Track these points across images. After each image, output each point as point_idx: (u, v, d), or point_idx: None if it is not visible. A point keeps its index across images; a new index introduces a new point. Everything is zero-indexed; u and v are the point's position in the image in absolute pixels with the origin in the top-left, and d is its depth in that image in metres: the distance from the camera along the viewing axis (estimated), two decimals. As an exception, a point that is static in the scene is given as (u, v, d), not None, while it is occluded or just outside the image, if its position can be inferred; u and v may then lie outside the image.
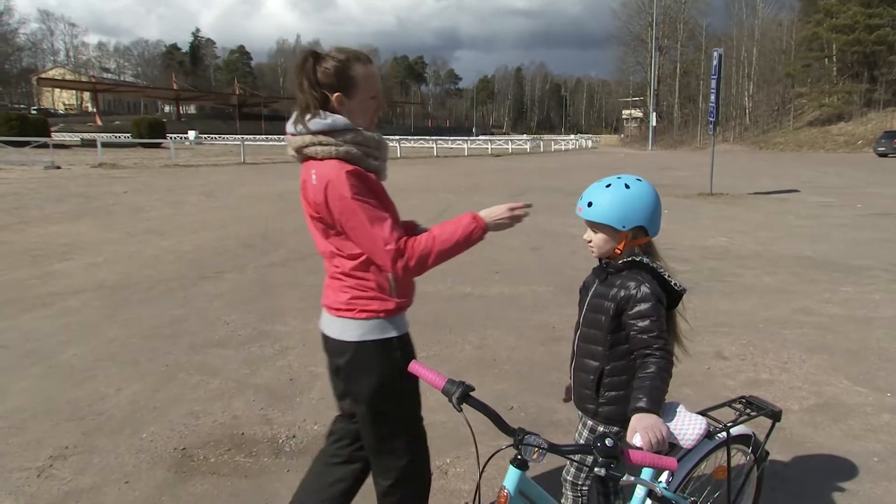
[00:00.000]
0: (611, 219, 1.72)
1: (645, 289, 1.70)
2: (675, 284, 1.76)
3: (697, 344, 4.54)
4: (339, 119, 1.74)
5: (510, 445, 1.31)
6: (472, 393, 1.37)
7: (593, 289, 1.87)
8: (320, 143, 1.72)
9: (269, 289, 6.20)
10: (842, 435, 3.21)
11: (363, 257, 1.76)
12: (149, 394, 3.71)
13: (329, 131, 1.73)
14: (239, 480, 2.80)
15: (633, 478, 1.28)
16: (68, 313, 5.33)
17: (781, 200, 14.09)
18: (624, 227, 1.72)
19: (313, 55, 1.76)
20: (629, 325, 1.71)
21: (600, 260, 1.86)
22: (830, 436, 3.20)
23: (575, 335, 1.94)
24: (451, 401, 1.37)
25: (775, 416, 1.89)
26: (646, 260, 1.76)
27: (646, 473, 1.64)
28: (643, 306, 1.68)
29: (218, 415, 3.45)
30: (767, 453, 2.01)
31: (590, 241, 1.80)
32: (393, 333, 1.82)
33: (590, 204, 1.75)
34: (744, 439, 1.90)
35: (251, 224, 10.32)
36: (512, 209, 1.73)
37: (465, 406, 1.36)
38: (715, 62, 15.02)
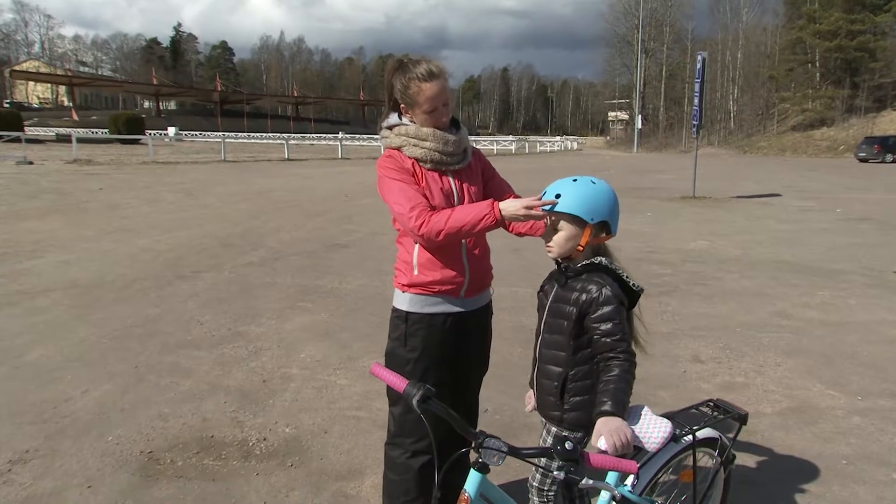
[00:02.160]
0: (580, 210, 1.72)
1: (607, 292, 1.70)
2: (634, 285, 1.77)
3: (674, 347, 4.60)
4: (393, 117, 2.13)
5: (469, 448, 1.31)
6: (432, 396, 1.38)
7: (553, 294, 1.87)
8: (384, 137, 2.14)
9: (246, 289, 6.16)
10: (812, 438, 3.26)
11: (399, 231, 2.12)
12: (117, 395, 3.66)
13: (389, 126, 2.13)
14: (206, 484, 2.77)
15: (591, 481, 1.29)
16: (36, 312, 5.25)
17: (763, 204, 14.29)
18: (592, 219, 1.73)
19: (400, 66, 2.05)
20: (591, 329, 1.71)
21: (559, 264, 1.86)
22: (801, 438, 3.26)
23: (536, 341, 1.95)
24: (411, 403, 1.37)
25: (742, 419, 1.92)
26: (604, 262, 1.77)
27: (611, 477, 1.65)
28: (606, 309, 1.69)
29: (187, 417, 3.42)
30: (734, 456, 2.04)
31: (548, 241, 1.81)
32: (404, 307, 2.12)
33: (557, 196, 1.75)
34: (710, 442, 1.92)
35: (230, 223, 10.25)
36: (528, 207, 1.84)
37: (425, 408, 1.36)
38: (699, 65, 15.19)
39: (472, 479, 1.35)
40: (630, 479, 1.75)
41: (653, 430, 1.65)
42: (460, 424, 1.34)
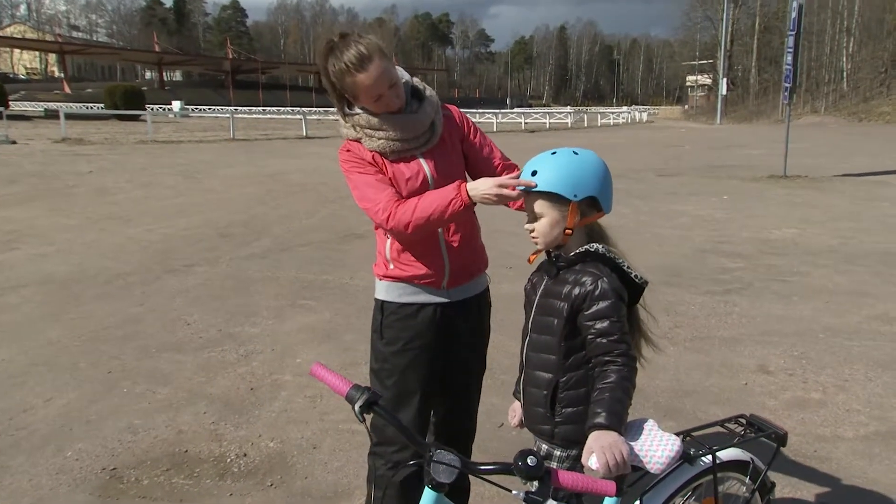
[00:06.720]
0: (560, 186, 1.70)
1: (603, 284, 1.68)
2: (636, 276, 1.74)
3: (736, 355, 4.50)
4: (347, 105, 2.17)
5: (416, 463, 1.33)
6: (378, 401, 1.40)
7: (542, 287, 1.86)
8: (342, 126, 2.19)
9: (243, 284, 6.31)
10: (903, 468, 3.15)
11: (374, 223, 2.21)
12: (84, 405, 3.81)
13: (344, 115, 2.17)
14: (171, 505, 2.87)
15: (553, 502, 1.28)
16: (3, 311, 5.50)
17: (877, 184, 13.78)
18: (576, 195, 1.70)
19: (329, 51, 2.01)
20: (585, 328, 1.70)
21: (549, 253, 1.85)
22: (890, 470, 3.14)
23: (523, 344, 1.94)
24: (353, 409, 1.39)
25: (779, 439, 1.87)
26: (601, 249, 1.75)
27: (609, 502, 1.64)
28: (602, 305, 1.67)
29: (160, 429, 3.54)
30: (773, 484, 1.99)
31: (531, 231, 1.80)
32: (381, 296, 2.26)
33: (534, 173, 1.73)
34: (738, 466, 1.88)
35: (233, 209, 10.52)
36: (501, 185, 1.83)
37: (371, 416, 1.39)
38: (794, 14, 14.72)
39: (426, 498, 1.36)
40: (634, 507, 1.73)
41: (656, 447, 1.62)
42: (408, 434, 1.36)
